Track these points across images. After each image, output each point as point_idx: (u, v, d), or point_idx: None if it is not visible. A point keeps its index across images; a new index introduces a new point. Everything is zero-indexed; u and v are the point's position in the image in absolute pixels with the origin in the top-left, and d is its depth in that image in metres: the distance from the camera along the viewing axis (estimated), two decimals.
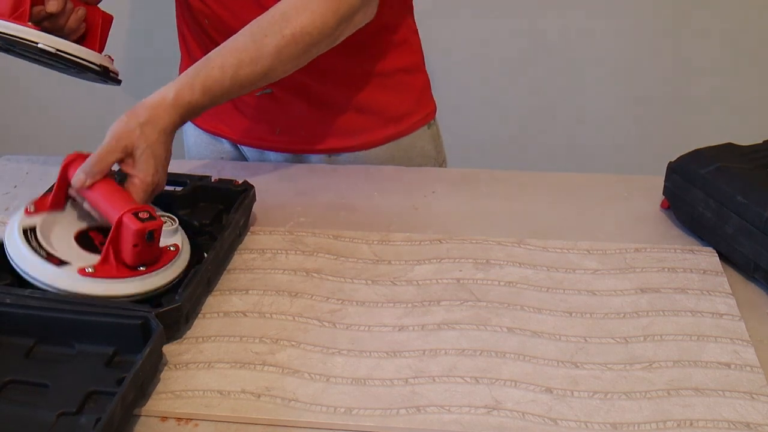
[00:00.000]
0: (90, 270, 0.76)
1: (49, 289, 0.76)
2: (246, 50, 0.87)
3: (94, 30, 1.01)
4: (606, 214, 0.83)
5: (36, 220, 0.82)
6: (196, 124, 1.19)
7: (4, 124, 1.93)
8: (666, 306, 0.80)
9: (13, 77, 1.87)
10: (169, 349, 0.75)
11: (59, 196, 0.84)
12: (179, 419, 0.69)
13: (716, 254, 0.88)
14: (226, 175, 0.95)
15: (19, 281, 0.78)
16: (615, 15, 1.66)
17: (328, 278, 0.85)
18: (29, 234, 0.80)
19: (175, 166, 0.89)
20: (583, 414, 0.68)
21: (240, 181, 0.93)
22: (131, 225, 0.76)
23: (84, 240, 0.83)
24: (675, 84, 1.73)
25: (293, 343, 0.76)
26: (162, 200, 0.92)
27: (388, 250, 0.90)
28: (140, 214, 0.77)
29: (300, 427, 0.68)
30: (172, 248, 0.81)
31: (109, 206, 0.80)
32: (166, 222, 0.83)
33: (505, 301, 0.81)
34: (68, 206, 0.85)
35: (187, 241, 0.85)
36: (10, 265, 0.79)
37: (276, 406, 0.69)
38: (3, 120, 1.93)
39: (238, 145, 1.17)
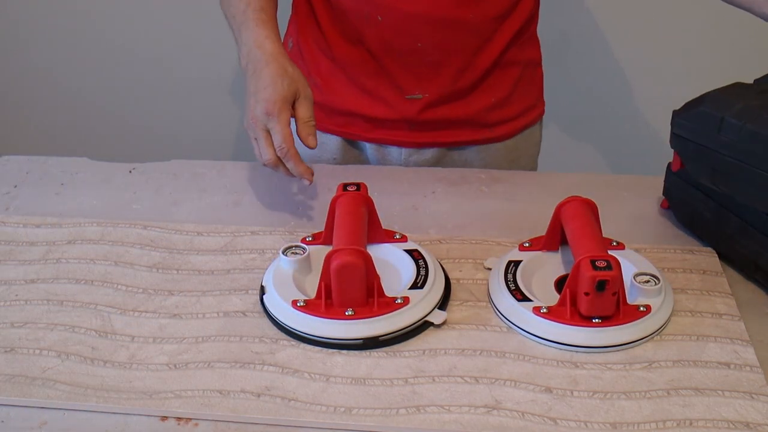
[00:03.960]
0: (544, 311, 0.76)
1: (510, 321, 0.78)
2: None
3: None
4: (606, 214, 0.83)
5: (525, 256, 0.84)
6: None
7: (4, 124, 1.93)
8: None
9: (13, 77, 1.87)
10: (169, 348, 0.75)
11: (553, 237, 0.84)
12: (179, 419, 0.69)
13: (716, 254, 0.88)
14: (227, 174, 0.94)
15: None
16: (616, 14, 1.66)
17: None
18: (510, 266, 0.82)
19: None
20: (583, 414, 0.68)
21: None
22: (585, 272, 0.73)
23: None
24: (675, 84, 1.72)
25: (293, 343, 0.76)
26: None
27: None
28: (598, 263, 0.73)
29: (300, 427, 0.68)
30: (642, 308, 0.76)
31: (576, 245, 0.78)
32: (649, 281, 0.79)
33: None
34: (561, 249, 0.86)
35: None
36: None
37: (276, 406, 0.69)
38: (3, 120, 1.93)
39: (359, 142, 1.13)
